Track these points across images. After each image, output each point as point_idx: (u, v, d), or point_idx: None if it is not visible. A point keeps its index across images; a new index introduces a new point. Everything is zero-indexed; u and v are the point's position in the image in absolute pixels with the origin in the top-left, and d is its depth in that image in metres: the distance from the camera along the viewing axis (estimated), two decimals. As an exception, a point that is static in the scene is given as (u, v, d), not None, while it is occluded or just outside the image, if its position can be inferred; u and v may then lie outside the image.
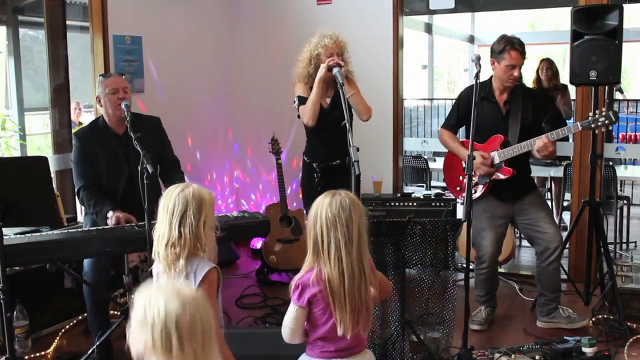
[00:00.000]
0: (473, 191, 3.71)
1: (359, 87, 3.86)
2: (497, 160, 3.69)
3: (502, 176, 3.70)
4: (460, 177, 3.87)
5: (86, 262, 3.50)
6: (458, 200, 3.89)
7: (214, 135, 5.42)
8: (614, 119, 3.50)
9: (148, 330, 1.41)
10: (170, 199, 2.14)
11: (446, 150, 4.03)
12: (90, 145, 3.50)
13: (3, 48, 6.45)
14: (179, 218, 2.11)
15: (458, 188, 3.90)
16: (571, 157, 4.91)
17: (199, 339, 1.43)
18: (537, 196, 3.89)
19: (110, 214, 3.34)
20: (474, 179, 3.69)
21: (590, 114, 3.58)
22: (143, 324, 1.42)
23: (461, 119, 3.85)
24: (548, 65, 6.00)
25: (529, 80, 5.92)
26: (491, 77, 3.78)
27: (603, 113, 3.50)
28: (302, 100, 3.79)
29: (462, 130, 4.15)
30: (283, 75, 5.33)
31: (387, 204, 4.53)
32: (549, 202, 5.64)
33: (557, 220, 5.59)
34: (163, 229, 2.14)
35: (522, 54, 3.61)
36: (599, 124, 3.51)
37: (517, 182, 3.74)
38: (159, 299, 1.43)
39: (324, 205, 2.09)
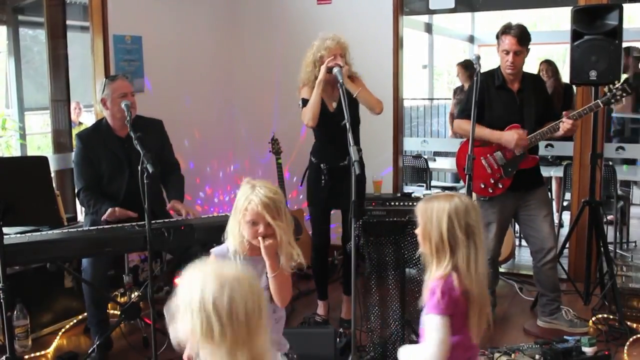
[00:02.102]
0: (500, 185, 3.71)
1: (364, 82, 3.83)
2: (520, 152, 3.66)
3: (528, 166, 3.68)
4: (487, 171, 3.75)
5: (85, 260, 3.50)
6: (484, 199, 3.81)
7: (214, 135, 5.42)
8: (630, 90, 3.53)
9: (188, 316, 1.35)
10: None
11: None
12: (92, 148, 3.50)
13: (3, 48, 6.45)
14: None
15: (483, 185, 3.76)
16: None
17: (242, 322, 1.35)
18: (544, 193, 3.90)
19: (109, 211, 3.35)
20: (497, 175, 3.71)
21: (606, 89, 3.61)
22: (184, 310, 1.37)
23: (478, 106, 3.82)
24: (547, 66, 6.00)
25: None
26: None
27: (619, 87, 3.54)
28: (306, 103, 3.79)
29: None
30: (283, 74, 5.35)
31: (387, 203, 4.51)
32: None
33: (557, 219, 5.60)
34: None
35: (518, 39, 3.55)
36: (618, 97, 3.55)
37: (530, 171, 3.73)
38: (197, 283, 1.37)
39: (459, 211, 2.01)
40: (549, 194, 6.16)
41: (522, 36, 3.57)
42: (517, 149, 3.65)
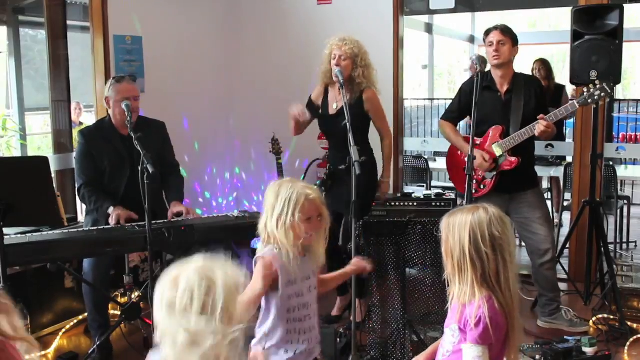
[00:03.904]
0: (482, 186, 3.71)
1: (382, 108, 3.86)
2: (499, 153, 3.65)
3: (508, 167, 3.65)
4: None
5: (86, 262, 3.50)
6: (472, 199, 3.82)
7: (215, 136, 5.42)
8: (609, 90, 3.50)
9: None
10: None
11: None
12: (94, 144, 3.50)
13: (4, 48, 6.46)
14: None
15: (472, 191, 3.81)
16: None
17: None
18: (536, 194, 3.83)
19: (110, 209, 3.35)
20: (480, 174, 3.70)
21: (585, 89, 3.57)
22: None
23: (462, 111, 3.83)
24: (541, 65, 6.02)
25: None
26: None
27: (597, 86, 3.51)
28: (308, 103, 3.92)
29: (462, 124, 4.14)
30: (284, 74, 5.35)
31: (388, 204, 4.52)
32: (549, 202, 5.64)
33: (557, 219, 5.60)
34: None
35: (501, 30, 3.62)
36: (596, 97, 3.51)
37: (519, 173, 3.68)
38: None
39: (482, 223, 1.88)
40: (548, 193, 6.17)
41: (504, 28, 3.64)
42: (480, 171, 3.67)
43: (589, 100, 3.53)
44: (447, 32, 11.02)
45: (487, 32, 3.69)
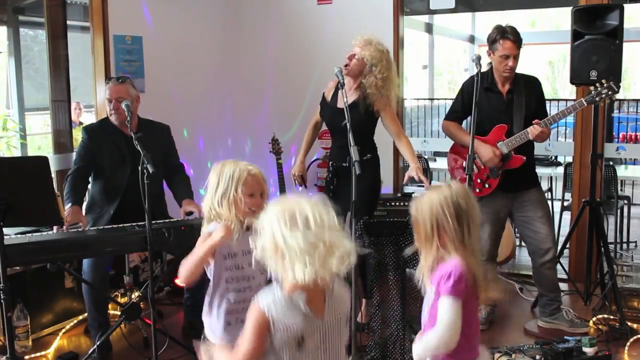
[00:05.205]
0: (487, 185, 3.70)
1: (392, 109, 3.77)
2: (505, 151, 3.65)
3: (513, 166, 3.65)
4: (474, 171, 3.72)
5: (86, 262, 3.50)
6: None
7: (214, 136, 5.42)
8: (616, 89, 3.51)
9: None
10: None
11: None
12: (96, 141, 3.55)
13: (4, 48, 6.47)
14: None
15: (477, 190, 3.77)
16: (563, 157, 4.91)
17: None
18: (539, 193, 3.83)
19: (67, 206, 3.36)
20: (485, 174, 3.71)
21: (592, 88, 3.58)
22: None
23: (466, 110, 3.80)
24: None
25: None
26: (491, 67, 3.76)
27: (605, 85, 3.52)
28: (321, 101, 3.89)
29: (465, 123, 4.14)
30: (284, 74, 5.35)
31: (387, 204, 4.52)
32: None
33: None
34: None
35: (516, 42, 3.56)
36: (603, 95, 3.52)
37: (523, 172, 3.69)
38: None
39: (448, 200, 2.01)
40: (548, 193, 6.17)
41: (519, 39, 3.59)
42: (487, 164, 3.67)
43: (597, 99, 3.54)
44: (447, 32, 11.03)
45: (502, 37, 3.56)
